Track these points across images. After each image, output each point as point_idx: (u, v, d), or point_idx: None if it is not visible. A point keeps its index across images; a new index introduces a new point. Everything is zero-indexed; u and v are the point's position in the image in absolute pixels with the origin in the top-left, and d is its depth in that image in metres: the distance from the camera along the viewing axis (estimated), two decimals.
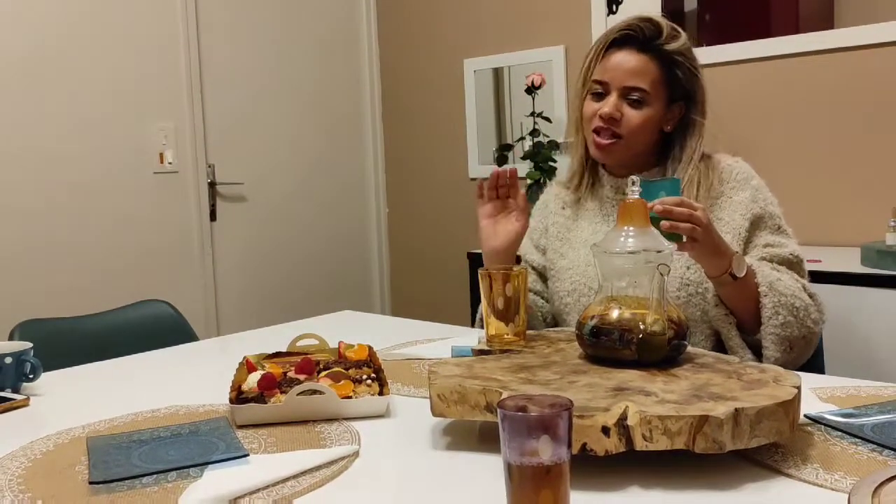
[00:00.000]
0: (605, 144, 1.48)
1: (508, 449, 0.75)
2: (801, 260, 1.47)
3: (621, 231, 1.13)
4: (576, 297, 1.54)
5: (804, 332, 1.38)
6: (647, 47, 1.48)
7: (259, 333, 1.78)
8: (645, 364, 1.06)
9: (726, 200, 1.49)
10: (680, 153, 1.52)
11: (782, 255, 1.45)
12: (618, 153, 1.50)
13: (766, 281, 1.36)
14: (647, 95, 1.47)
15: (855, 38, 2.51)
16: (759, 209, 1.47)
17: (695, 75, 1.50)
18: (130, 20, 2.97)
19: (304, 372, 1.22)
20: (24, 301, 2.61)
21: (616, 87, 1.47)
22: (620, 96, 1.47)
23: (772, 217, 1.49)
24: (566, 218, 1.63)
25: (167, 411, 1.17)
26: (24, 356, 1.30)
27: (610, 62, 1.49)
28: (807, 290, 1.43)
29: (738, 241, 1.44)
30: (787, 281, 1.38)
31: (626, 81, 1.47)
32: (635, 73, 1.47)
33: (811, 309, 1.40)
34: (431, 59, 3.63)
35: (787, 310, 1.35)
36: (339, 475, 0.92)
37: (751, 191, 1.49)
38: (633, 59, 1.47)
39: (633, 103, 1.47)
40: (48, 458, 1.00)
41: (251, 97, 3.38)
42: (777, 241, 1.46)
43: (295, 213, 3.55)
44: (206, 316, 3.20)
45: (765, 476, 0.88)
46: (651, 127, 1.49)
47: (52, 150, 2.78)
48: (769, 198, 1.51)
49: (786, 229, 1.50)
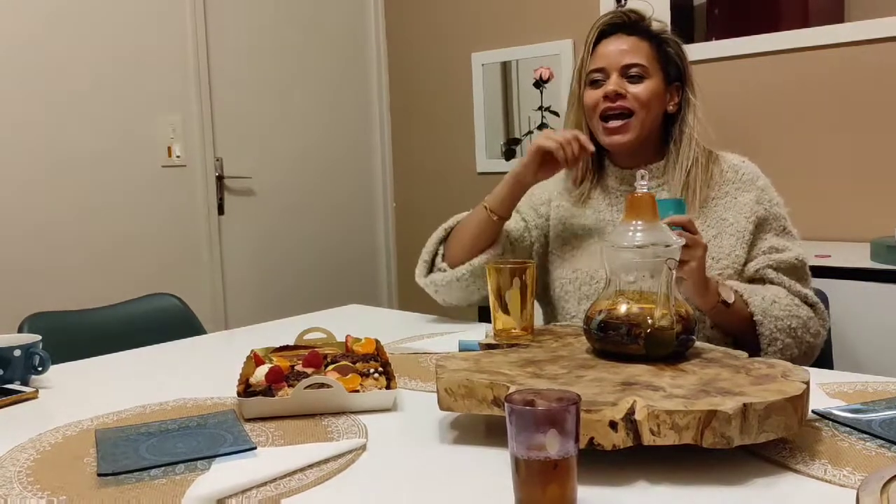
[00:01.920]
0: (618, 126, 1.49)
1: (516, 443, 0.75)
2: (805, 264, 1.47)
3: (629, 225, 1.13)
4: (577, 284, 1.53)
5: (804, 348, 1.40)
6: (635, 30, 1.52)
7: (266, 327, 1.78)
8: (653, 359, 1.06)
9: (731, 201, 1.48)
10: (680, 134, 1.53)
11: (787, 261, 1.44)
12: (632, 130, 1.49)
13: (760, 309, 1.36)
14: (645, 70, 1.49)
15: (865, 32, 2.50)
16: (764, 210, 1.47)
17: (682, 52, 1.54)
18: (138, 13, 2.97)
19: (311, 365, 1.22)
20: (32, 294, 2.62)
21: (614, 69, 1.49)
22: (620, 76, 1.49)
23: (777, 218, 1.48)
24: (570, 204, 1.63)
25: (175, 404, 1.17)
26: (32, 349, 1.31)
27: (602, 50, 1.52)
28: (808, 301, 1.42)
29: (742, 243, 1.44)
30: (782, 301, 1.38)
31: (622, 60, 1.49)
32: (629, 51, 1.50)
33: (811, 323, 1.40)
34: (439, 53, 3.62)
35: (785, 333, 1.36)
36: (346, 469, 0.92)
37: (756, 192, 1.49)
38: (624, 41, 1.51)
39: (633, 80, 1.49)
40: (57, 451, 1.00)
41: (259, 91, 3.38)
42: (782, 244, 1.46)
43: (302, 207, 3.55)
44: (213, 309, 3.21)
45: (773, 471, 0.87)
46: (657, 102, 1.51)
47: (60, 144, 2.78)
48: (775, 198, 1.50)
49: (791, 231, 1.50)
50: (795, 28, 2.64)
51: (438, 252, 1.65)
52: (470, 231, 1.59)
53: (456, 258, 1.60)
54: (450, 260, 1.62)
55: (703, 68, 2.84)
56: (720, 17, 2.88)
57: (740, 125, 2.76)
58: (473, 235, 1.58)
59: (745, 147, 2.76)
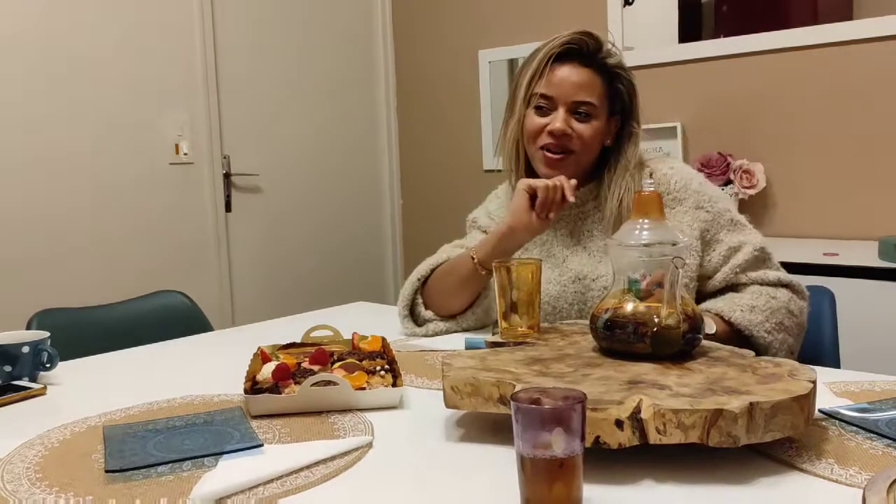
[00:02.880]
0: (557, 160, 1.46)
1: (522, 441, 0.75)
2: (763, 249, 1.44)
3: (636, 223, 1.12)
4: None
5: (796, 330, 1.40)
6: (590, 61, 1.47)
7: (273, 324, 1.79)
8: (659, 357, 1.06)
9: (669, 213, 1.43)
10: (615, 164, 1.49)
11: (748, 258, 1.42)
12: (569, 168, 1.46)
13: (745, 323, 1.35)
14: (594, 109, 1.45)
15: (874, 29, 2.49)
16: (706, 213, 1.44)
17: (633, 88, 1.49)
18: (146, 11, 2.98)
19: (318, 363, 1.22)
20: (41, 291, 2.63)
21: (563, 103, 1.45)
22: (568, 111, 1.45)
23: (722, 214, 1.45)
24: None
25: (182, 401, 1.17)
26: (41, 345, 1.31)
27: (555, 76, 1.46)
28: (782, 282, 1.42)
29: (692, 251, 1.41)
30: (759, 303, 1.37)
31: (574, 96, 1.45)
32: (582, 87, 1.45)
33: (791, 304, 1.40)
34: (446, 51, 3.62)
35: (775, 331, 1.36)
36: (352, 466, 0.92)
37: (693, 196, 1.45)
38: (578, 73, 1.46)
39: (581, 118, 1.45)
40: (65, 447, 1.00)
41: (266, 88, 3.38)
42: (736, 240, 1.43)
43: (309, 205, 3.55)
44: (220, 306, 3.22)
45: (779, 471, 0.87)
46: (599, 140, 1.48)
47: (68, 142, 2.79)
48: (713, 195, 1.47)
49: (739, 220, 1.47)
50: (803, 25, 2.63)
51: (418, 302, 1.58)
52: (455, 283, 1.53)
53: (444, 309, 1.55)
54: (436, 310, 1.56)
55: (711, 66, 2.84)
56: (728, 14, 2.87)
57: (748, 123, 2.75)
58: (459, 288, 1.53)
59: (751, 145, 2.76)
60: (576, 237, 1.53)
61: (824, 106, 2.60)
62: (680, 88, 2.88)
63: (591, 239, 1.51)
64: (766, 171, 2.66)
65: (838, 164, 2.59)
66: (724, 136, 2.79)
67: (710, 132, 2.83)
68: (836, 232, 2.54)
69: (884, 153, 2.50)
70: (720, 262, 1.43)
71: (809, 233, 2.63)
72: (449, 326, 1.55)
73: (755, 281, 1.42)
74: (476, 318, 1.56)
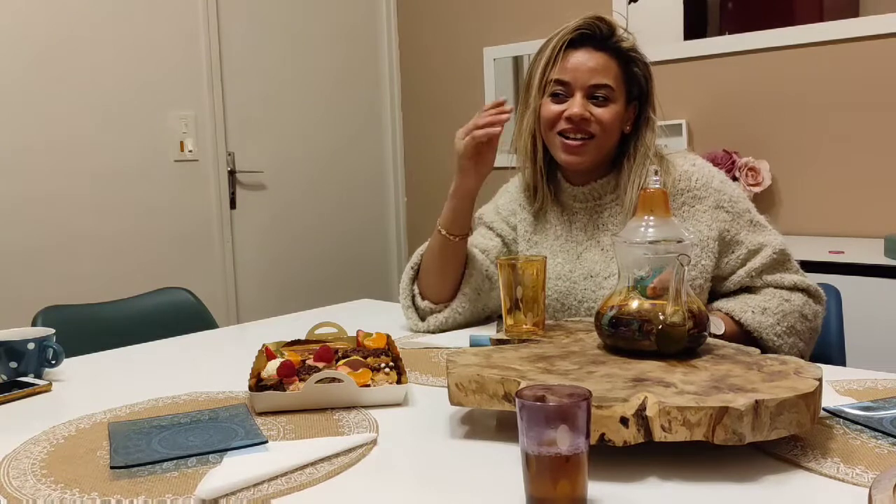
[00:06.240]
0: (577, 145, 1.44)
1: (526, 439, 0.75)
2: (783, 251, 1.43)
3: (641, 220, 1.12)
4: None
5: (807, 335, 1.40)
6: (604, 45, 1.45)
7: (278, 321, 1.79)
8: (664, 355, 1.06)
9: (688, 211, 1.43)
10: (635, 152, 1.48)
11: (767, 261, 1.41)
12: (590, 153, 1.45)
13: (754, 324, 1.36)
14: (612, 92, 1.44)
15: (880, 26, 2.48)
16: (727, 213, 1.42)
17: (648, 70, 1.48)
18: (151, 9, 2.98)
19: (322, 360, 1.22)
20: (46, 287, 2.64)
21: (580, 87, 1.43)
22: (585, 96, 1.43)
23: (741, 215, 1.43)
24: (532, 218, 1.59)
25: (187, 398, 1.18)
26: (46, 342, 1.32)
27: (570, 62, 1.44)
28: (799, 287, 1.41)
29: (708, 252, 1.40)
30: (772, 305, 1.37)
31: (590, 80, 1.43)
32: (598, 70, 1.43)
33: (805, 309, 1.39)
34: (451, 48, 3.62)
35: (785, 334, 1.36)
36: (356, 463, 0.92)
37: (713, 195, 1.43)
38: (593, 57, 1.44)
39: (599, 102, 1.43)
40: (70, 443, 1.01)
41: (271, 85, 3.38)
42: (756, 242, 1.42)
43: (314, 202, 3.55)
44: (225, 303, 3.22)
45: (784, 469, 0.87)
46: (618, 125, 1.46)
47: (73, 139, 2.80)
48: (734, 195, 1.45)
49: (759, 220, 1.45)
50: (810, 22, 2.62)
51: (415, 293, 1.59)
52: (436, 262, 1.55)
53: (436, 293, 1.56)
54: (431, 297, 1.57)
55: (716, 63, 2.83)
56: (734, 11, 2.86)
57: (753, 121, 2.75)
58: (440, 265, 1.54)
59: (757, 143, 2.75)
60: (590, 232, 1.52)
61: (830, 103, 2.60)
62: (685, 85, 2.88)
63: (605, 234, 1.50)
64: (772, 168, 2.65)
65: (844, 161, 2.58)
66: (730, 133, 2.78)
67: (715, 129, 2.82)
68: (841, 229, 2.54)
69: (890, 151, 2.49)
70: (738, 264, 1.42)
71: (815, 230, 2.62)
72: (448, 317, 1.55)
73: (770, 284, 1.41)
74: (469, 301, 1.55)
